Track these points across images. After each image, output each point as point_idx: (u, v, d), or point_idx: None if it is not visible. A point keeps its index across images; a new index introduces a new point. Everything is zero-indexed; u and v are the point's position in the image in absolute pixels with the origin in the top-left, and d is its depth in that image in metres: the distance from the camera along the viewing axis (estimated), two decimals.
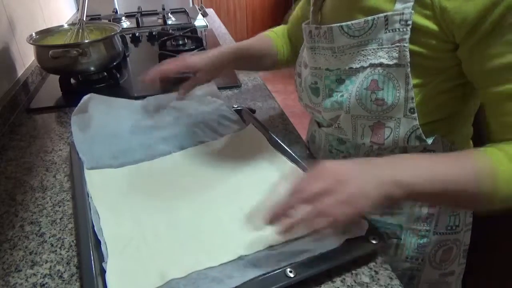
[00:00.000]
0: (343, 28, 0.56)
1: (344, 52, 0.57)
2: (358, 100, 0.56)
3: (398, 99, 0.53)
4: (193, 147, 0.76)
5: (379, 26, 0.52)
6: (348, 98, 0.57)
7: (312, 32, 0.62)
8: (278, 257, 0.50)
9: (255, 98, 1.02)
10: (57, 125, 0.94)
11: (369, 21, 0.53)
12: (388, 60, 0.53)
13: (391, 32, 0.52)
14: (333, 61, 0.59)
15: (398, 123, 0.55)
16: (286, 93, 3.23)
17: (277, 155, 0.71)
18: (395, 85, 0.53)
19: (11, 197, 0.69)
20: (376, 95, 0.54)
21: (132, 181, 0.67)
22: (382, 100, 0.54)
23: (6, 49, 1.07)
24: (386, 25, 0.52)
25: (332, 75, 0.60)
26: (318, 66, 0.63)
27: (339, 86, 0.59)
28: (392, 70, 0.53)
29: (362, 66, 0.55)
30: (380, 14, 0.52)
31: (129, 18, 1.82)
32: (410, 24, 0.50)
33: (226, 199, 0.62)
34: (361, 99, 0.55)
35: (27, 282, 0.52)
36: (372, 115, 0.56)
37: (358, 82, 0.56)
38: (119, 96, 1.03)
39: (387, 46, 0.53)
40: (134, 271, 0.49)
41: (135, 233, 0.55)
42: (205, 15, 1.78)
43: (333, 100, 0.60)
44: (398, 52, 0.52)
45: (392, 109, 0.54)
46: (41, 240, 0.59)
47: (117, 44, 1.11)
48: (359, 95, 0.56)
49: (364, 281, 0.49)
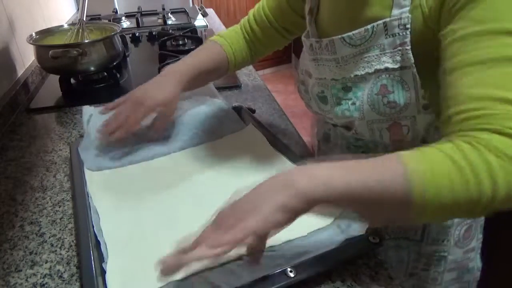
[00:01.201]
0: (345, 39, 0.56)
1: (348, 61, 0.58)
2: (371, 106, 0.56)
3: (409, 99, 0.54)
4: (193, 147, 0.76)
5: (379, 32, 0.53)
6: (361, 106, 0.57)
7: (313, 45, 0.62)
8: (278, 257, 0.50)
9: (255, 98, 1.02)
10: (57, 125, 0.94)
11: (369, 29, 0.54)
12: (393, 64, 0.54)
13: (391, 37, 0.53)
14: (337, 70, 0.60)
15: (414, 120, 0.56)
16: (286, 93, 3.23)
17: (277, 155, 0.71)
18: (404, 87, 0.54)
19: (11, 197, 0.69)
20: (388, 98, 0.55)
21: (132, 181, 0.67)
22: (394, 102, 0.55)
23: (6, 49, 1.07)
24: (385, 31, 0.53)
25: (338, 84, 0.61)
26: (323, 76, 0.63)
27: (347, 94, 0.60)
28: (399, 73, 0.54)
29: (367, 73, 0.56)
30: (379, 21, 0.53)
31: (129, 18, 1.82)
32: (409, 27, 0.51)
33: (226, 199, 0.62)
34: (374, 105, 0.56)
35: (27, 282, 0.52)
36: (387, 118, 0.57)
37: (367, 88, 0.57)
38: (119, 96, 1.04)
39: (389, 50, 0.53)
40: (134, 272, 0.49)
41: (135, 233, 0.55)
42: (205, 15, 1.78)
43: (344, 108, 0.60)
44: (401, 55, 0.53)
45: (405, 109, 0.55)
46: (41, 240, 0.59)
47: (117, 44, 1.11)
48: (371, 101, 0.56)
49: (364, 281, 0.49)
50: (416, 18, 0.50)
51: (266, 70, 3.67)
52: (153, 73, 1.16)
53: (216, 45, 0.77)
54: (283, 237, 0.52)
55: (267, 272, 0.47)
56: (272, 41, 0.80)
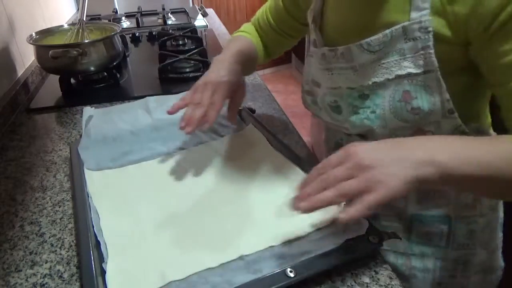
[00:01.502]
0: (363, 45, 0.55)
1: (365, 68, 0.56)
2: (393, 113, 0.55)
3: (434, 104, 0.53)
4: (193, 147, 0.76)
5: (398, 37, 0.52)
6: (382, 113, 0.56)
7: (326, 54, 0.60)
8: (279, 257, 0.50)
9: (255, 98, 1.02)
10: (57, 125, 0.94)
11: (387, 34, 0.52)
12: (415, 69, 0.52)
13: (412, 41, 0.51)
14: (354, 78, 0.58)
15: (438, 125, 0.54)
16: (286, 93, 3.23)
17: (277, 155, 0.71)
18: (429, 92, 0.52)
19: (11, 197, 0.69)
20: (411, 105, 0.53)
21: (132, 181, 0.67)
22: (418, 108, 0.53)
23: (6, 49, 1.07)
24: (405, 35, 0.51)
25: (354, 92, 0.59)
26: (336, 85, 0.61)
27: (364, 102, 0.58)
28: (422, 78, 0.52)
29: (387, 79, 0.55)
30: (397, 26, 0.51)
31: (129, 18, 1.82)
32: (431, 30, 0.49)
33: (226, 200, 0.62)
34: (397, 112, 0.55)
35: (27, 282, 0.52)
36: (411, 125, 0.55)
37: (388, 95, 0.55)
38: (119, 96, 1.05)
39: (410, 55, 0.52)
40: (134, 272, 0.49)
41: (135, 233, 0.55)
42: (205, 15, 1.78)
43: (363, 117, 0.58)
44: (423, 59, 0.51)
45: (430, 114, 0.53)
46: (41, 240, 0.59)
47: (117, 44, 1.11)
48: (393, 108, 0.55)
49: (364, 281, 0.49)
50: (438, 22, 0.49)
51: (266, 70, 3.67)
52: (153, 73, 1.17)
53: (244, 37, 0.78)
54: (283, 237, 0.52)
55: (267, 272, 0.47)
56: (278, 43, 0.81)
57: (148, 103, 0.86)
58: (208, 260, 0.49)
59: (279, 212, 0.58)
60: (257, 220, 0.57)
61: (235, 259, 0.50)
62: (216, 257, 0.50)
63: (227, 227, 0.56)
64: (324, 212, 0.56)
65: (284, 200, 0.60)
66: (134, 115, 0.83)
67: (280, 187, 0.63)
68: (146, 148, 0.75)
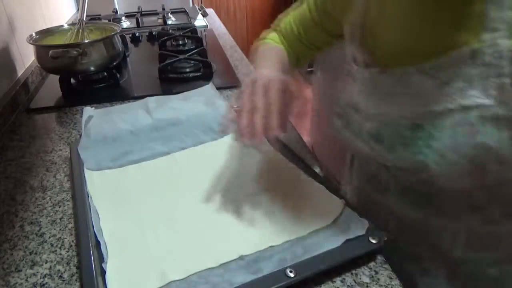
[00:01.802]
0: (425, 69, 0.47)
1: (422, 94, 0.48)
2: (453, 149, 0.47)
3: (502, 142, 0.45)
4: (193, 147, 0.76)
5: (463, 61, 0.44)
6: (439, 148, 0.48)
7: (375, 76, 0.53)
8: (279, 257, 0.50)
9: None
10: (57, 125, 0.94)
11: (452, 57, 0.45)
12: (484, 99, 0.44)
13: (482, 66, 0.44)
14: (407, 106, 0.50)
15: (503, 162, 0.46)
16: None
17: (277, 155, 0.71)
18: (497, 126, 0.44)
19: (11, 197, 0.69)
20: (475, 140, 0.45)
21: (132, 181, 0.67)
22: (483, 143, 0.45)
23: (6, 49, 1.07)
24: (473, 59, 0.44)
25: (405, 121, 0.51)
26: (383, 112, 0.53)
27: (416, 133, 0.50)
28: (493, 110, 0.44)
29: (447, 108, 0.46)
30: (465, 48, 0.44)
31: (129, 18, 1.83)
32: (507, 55, 0.42)
33: (226, 199, 0.62)
34: (459, 147, 0.46)
35: (27, 282, 0.52)
36: (475, 162, 0.47)
37: (448, 127, 0.47)
38: (119, 96, 1.05)
39: (479, 83, 0.44)
40: (134, 272, 0.49)
41: (135, 233, 0.55)
42: (205, 15, 1.78)
43: (415, 151, 0.50)
44: (497, 89, 0.43)
45: (496, 153, 0.45)
46: (41, 240, 0.59)
47: (117, 44, 1.11)
48: (454, 142, 0.47)
49: (364, 281, 0.49)
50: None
51: None
52: (153, 73, 1.17)
53: (276, 46, 0.74)
54: (283, 237, 0.52)
55: (267, 272, 0.47)
56: (303, 54, 0.76)
57: (148, 103, 0.86)
58: (208, 260, 0.49)
59: (279, 212, 0.58)
60: (258, 220, 0.57)
61: (235, 259, 0.50)
62: (216, 257, 0.50)
63: (227, 227, 0.56)
64: (324, 212, 0.56)
65: (284, 200, 0.60)
66: (134, 115, 0.83)
67: (280, 187, 0.63)
68: (146, 148, 0.75)
